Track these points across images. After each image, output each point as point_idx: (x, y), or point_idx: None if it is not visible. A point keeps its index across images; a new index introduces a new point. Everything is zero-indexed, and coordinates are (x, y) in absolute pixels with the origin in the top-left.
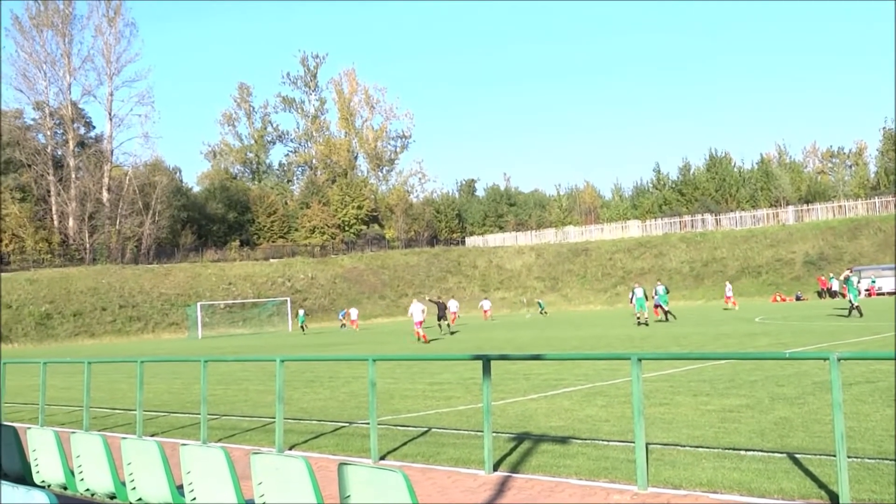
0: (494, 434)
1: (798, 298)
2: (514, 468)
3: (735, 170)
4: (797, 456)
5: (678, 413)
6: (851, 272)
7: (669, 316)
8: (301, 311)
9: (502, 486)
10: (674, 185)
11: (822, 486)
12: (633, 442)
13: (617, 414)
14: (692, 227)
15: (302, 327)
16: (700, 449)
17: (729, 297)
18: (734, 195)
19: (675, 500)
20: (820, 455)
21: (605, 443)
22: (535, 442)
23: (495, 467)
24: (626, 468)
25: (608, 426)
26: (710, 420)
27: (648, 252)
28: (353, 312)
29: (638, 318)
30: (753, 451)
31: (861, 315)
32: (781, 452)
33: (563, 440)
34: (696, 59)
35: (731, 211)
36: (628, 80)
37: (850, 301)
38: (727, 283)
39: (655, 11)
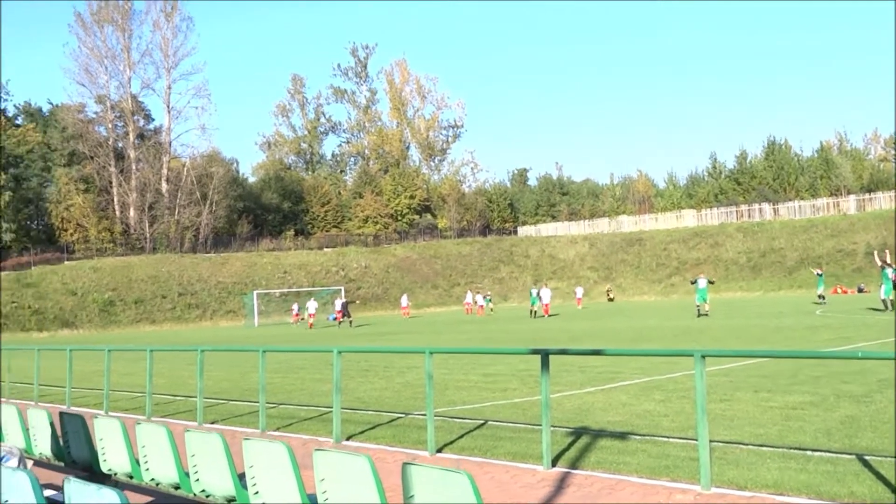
0: (552, 428)
1: (860, 290)
2: (573, 464)
3: (794, 158)
4: (867, 458)
5: (739, 410)
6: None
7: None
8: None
9: (562, 483)
10: (730, 174)
11: (895, 490)
12: (695, 439)
13: (675, 409)
14: (749, 216)
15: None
16: (764, 448)
17: (580, 299)
18: (793, 184)
19: (739, 501)
20: (891, 457)
21: (665, 439)
22: (593, 437)
23: (554, 462)
24: (687, 466)
25: (667, 421)
26: (773, 418)
27: (704, 242)
28: (404, 300)
29: (699, 308)
30: (820, 451)
31: (888, 309)
32: (850, 453)
33: (621, 436)
34: (752, 47)
35: (790, 200)
36: (683, 69)
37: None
38: (578, 287)
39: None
